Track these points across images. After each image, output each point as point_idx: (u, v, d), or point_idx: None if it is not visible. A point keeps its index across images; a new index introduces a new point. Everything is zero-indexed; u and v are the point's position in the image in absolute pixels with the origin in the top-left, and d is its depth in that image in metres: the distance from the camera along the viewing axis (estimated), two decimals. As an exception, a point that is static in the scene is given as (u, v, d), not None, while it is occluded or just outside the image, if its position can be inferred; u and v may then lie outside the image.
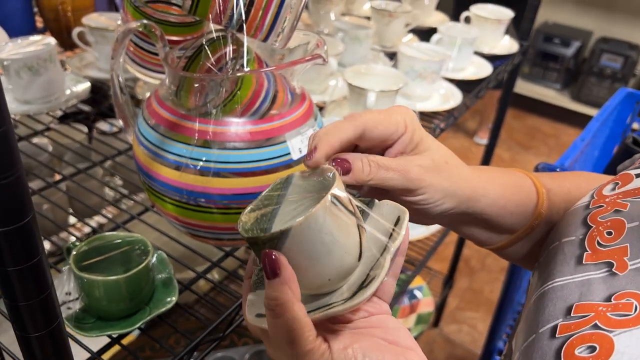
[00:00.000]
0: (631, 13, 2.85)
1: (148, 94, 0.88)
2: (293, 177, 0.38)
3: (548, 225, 0.45)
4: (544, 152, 2.83)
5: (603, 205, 0.37)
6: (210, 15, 0.48)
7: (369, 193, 0.42)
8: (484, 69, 1.11)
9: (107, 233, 0.51)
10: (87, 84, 0.83)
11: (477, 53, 1.16)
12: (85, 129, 1.05)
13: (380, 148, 0.40)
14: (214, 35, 0.53)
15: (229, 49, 0.50)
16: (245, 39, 0.49)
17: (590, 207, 0.38)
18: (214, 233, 0.56)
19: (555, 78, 2.99)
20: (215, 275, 1.07)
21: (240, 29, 0.50)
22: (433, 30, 1.28)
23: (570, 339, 0.30)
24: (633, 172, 0.40)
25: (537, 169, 0.72)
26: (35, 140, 0.90)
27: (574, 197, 0.45)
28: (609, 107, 1.12)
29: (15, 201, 0.27)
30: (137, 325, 0.47)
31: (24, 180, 0.27)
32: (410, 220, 0.45)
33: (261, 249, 0.32)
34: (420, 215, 0.41)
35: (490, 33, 1.19)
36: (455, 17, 1.31)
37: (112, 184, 1.01)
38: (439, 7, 1.37)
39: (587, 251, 0.35)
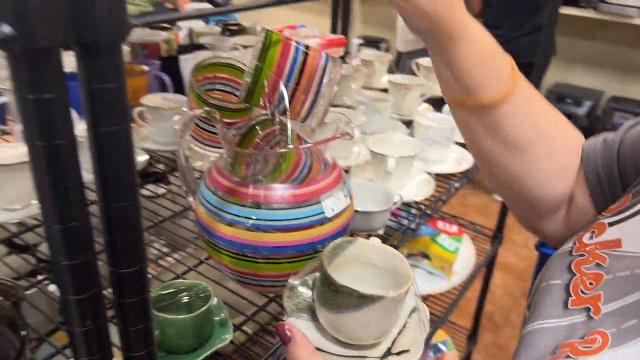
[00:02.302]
0: None
1: (200, 163, 1.01)
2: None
3: (523, 102, 0.52)
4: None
5: (585, 255, 0.45)
6: (263, 103, 0.61)
7: None
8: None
9: (174, 281, 0.61)
10: (146, 157, 0.96)
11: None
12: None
13: None
14: (262, 118, 0.65)
15: (278, 127, 0.62)
16: (288, 121, 0.61)
17: (573, 253, 0.46)
18: (258, 280, 0.66)
19: (570, 136, 3.09)
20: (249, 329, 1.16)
21: (283, 113, 0.62)
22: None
23: None
24: (606, 220, 0.47)
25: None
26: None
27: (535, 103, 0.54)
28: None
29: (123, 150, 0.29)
30: (201, 359, 0.56)
31: (130, 132, 0.28)
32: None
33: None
34: None
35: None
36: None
37: (157, 244, 1.12)
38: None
39: (571, 297, 0.43)
